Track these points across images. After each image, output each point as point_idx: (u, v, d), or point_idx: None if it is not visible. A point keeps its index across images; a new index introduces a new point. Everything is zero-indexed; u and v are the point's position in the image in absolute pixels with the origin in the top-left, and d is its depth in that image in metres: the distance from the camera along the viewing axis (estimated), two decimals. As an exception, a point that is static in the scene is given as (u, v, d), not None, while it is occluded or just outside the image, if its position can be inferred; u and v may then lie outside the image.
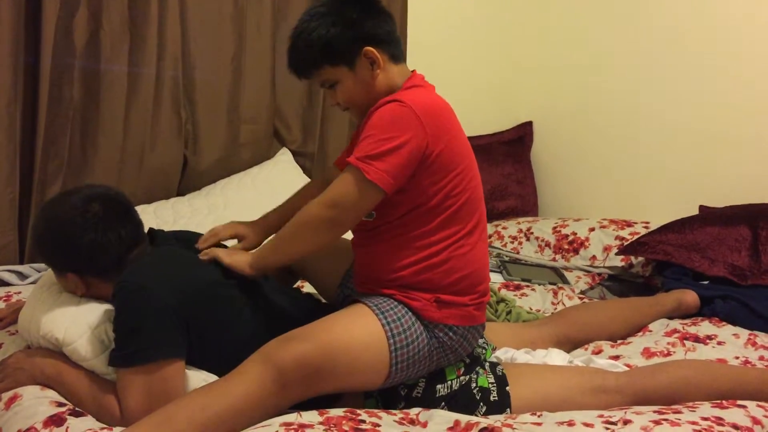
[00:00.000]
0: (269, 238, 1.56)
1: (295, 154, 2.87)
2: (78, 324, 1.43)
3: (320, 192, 1.48)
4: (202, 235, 1.65)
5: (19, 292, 2.00)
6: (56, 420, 1.31)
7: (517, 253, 2.84)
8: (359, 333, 1.41)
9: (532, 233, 2.88)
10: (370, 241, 1.55)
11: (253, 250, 1.55)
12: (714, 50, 2.76)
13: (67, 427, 1.29)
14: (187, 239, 1.62)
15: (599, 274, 2.59)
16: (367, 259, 1.57)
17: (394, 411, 1.41)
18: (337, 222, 1.43)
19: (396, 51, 1.56)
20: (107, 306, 1.47)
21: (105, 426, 1.32)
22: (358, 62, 1.51)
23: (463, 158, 1.52)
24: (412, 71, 1.60)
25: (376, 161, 1.39)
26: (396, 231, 1.50)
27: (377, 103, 1.46)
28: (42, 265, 2.19)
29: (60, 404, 1.36)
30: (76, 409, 1.36)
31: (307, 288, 1.97)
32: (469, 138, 3.42)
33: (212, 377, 1.42)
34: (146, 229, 1.57)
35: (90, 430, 1.29)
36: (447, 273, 1.48)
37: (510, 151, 3.34)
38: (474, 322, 1.53)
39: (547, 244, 2.81)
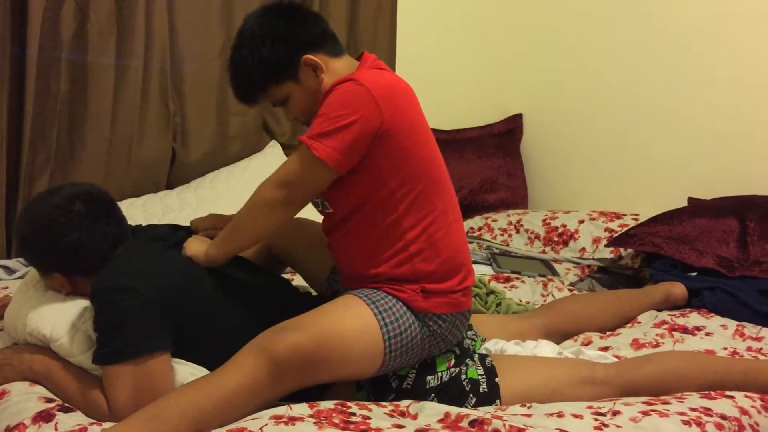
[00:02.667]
0: (225, 228, 1.53)
1: (284, 146, 2.86)
2: (65, 320, 1.42)
3: None
4: (174, 226, 1.64)
5: (7, 287, 1.99)
6: (45, 416, 1.30)
7: (507, 245, 2.85)
8: (352, 323, 1.41)
9: (521, 225, 2.89)
10: (343, 240, 1.55)
11: (212, 242, 1.53)
12: (702, 43, 2.76)
13: (56, 423, 1.28)
14: (162, 231, 1.60)
15: (589, 266, 2.60)
16: (346, 259, 1.57)
17: (384, 403, 1.41)
18: (289, 201, 1.44)
19: (334, 47, 1.55)
20: (93, 301, 1.46)
21: (94, 421, 1.32)
22: (301, 72, 1.51)
23: (422, 141, 1.51)
24: (362, 53, 1.59)
25: (326, 139, 1.39)
26: (365, 225, 1.49)
27: (333, 84, 1.46)
28: (30, 260, 2.17)
29: (49, 400, 1.36)
30: (65, 404, 1.36)
31: (297, 280, 1.97)
32: (460, 130, 3.45)
33: (200, 370, 1.41)
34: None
35: (79, 425, 1.28)
36: (427, 260, 1.48)
37: (500, 143, 3.34)
38: (462, 308, 1.53)
39: (537, 237, 2.81)
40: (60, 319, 1.43)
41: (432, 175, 1.51)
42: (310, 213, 1.93)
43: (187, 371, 1.40)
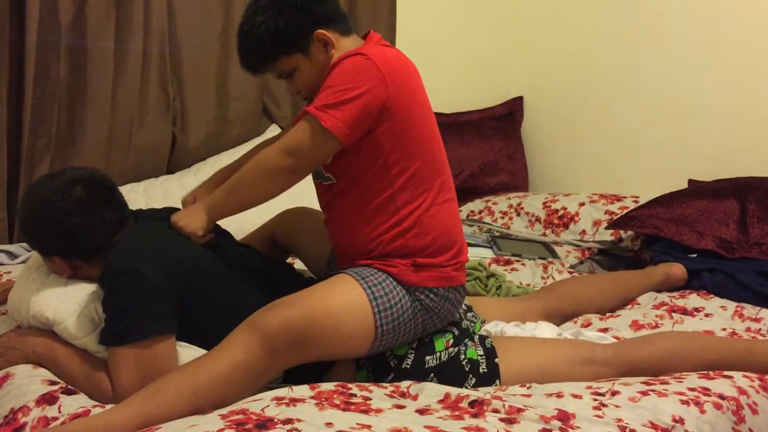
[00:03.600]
0: (221, 187, 1.54)
1: (284, 130, 2.85)
2: (68, 303, 1.43)
3: None
4: (175, 210, 1.64)
5: (9, 272, 1.99)
6: (49, 398, 1.31)
7: (508, 228, 2.85)
8: (341, 298, 1.43)
9: (522, 208, 2.89)
10: (340, 214, 1.56)
11: (207, 201, 1.53)
12: (702, 24, 2.75)
13: (60, 405, 1.30)
14: (165, 216, 1.60)
15: (589, 249, 2.61)
16: (341, 235, 1.59)
17: (384, 384, 1.43)
18: (293, 169, 1.46)
19: (345, 25, 1.56)
20: (96, 285, 1.47)
21: (97, 403, 1.33)
22: (312, 46, 1.52)
23: (423, 117, 1.53)
24: (368, 32, 1.60)
25: (333, 110, 1.41)
26: (362, 199, 1.51)
27: (339, 57, 1.47)
28: (32, 245, 2.18)
29: (52, 382, 1.37)
30: (69, 387, 1.37)
31: (298, 265, 1.97)
32: (460, 113, 3.45)
33: (202, 352, 1.42)
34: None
35: (82, 408, 1.30)
36: (419, 236, 1.50)
37: (500, 126, 3.34)
38: (453, 282, 1.54)
39: (537, 219, 2.82)
40: (63, 302, 1.44)
41: (430, 153, 1.53)
42: (312, 201, 1.95)
43: (190, 353, 1.41)
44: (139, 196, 2.39)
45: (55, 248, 1.47)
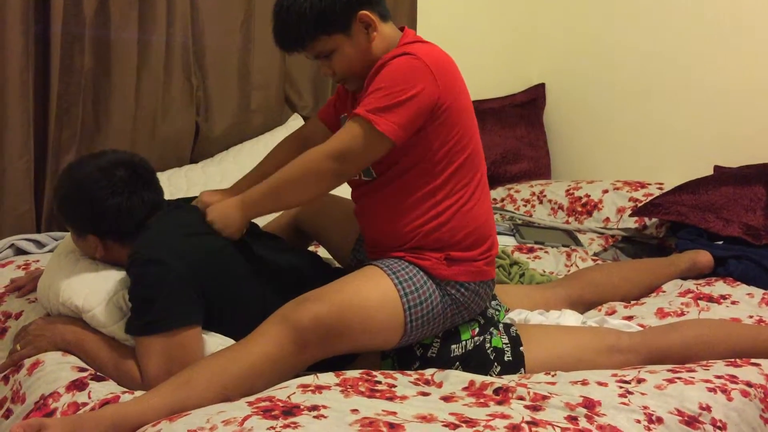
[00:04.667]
0: (261, 183, 1.51)
1: (306, 119, 2.86)
2: (97, 291, 1.45)
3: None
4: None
5: (38, 261, 2.02)
6: (79, 385, 1.33)
7: (530, 216, 2.84)
8: (372, 293, 1.43)
9: (545, 196, 2.88)
10: (377, 206, 1.56)
11: (244, 199, 1.51)
12: (728, 7, 2.71)
13: (90, 392, 1.32)
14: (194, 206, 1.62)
15: (613, 236, 2.59)
16: (375, 226, 1.58)
17: (409, 372, 1.43)
18: (342, 173, 1.45)
19: (384, 10, 1.54)
20: (125, 273, 1.48)
21: (126, 390, 1.35)
22: (354, 28, 1.49)
23: (467, 113, 1.53)
24: (402, 27, 1.59)
25: (387, 113, 1.39)
26: (403, 191, 1.50)
27: (385, 57, 1.46)
28: (59, 234, 2.21)
29: (82, 369, 1.39)
30: (98, 374, 1.39)
31: (321, 252, 1.98)
32: (482, 101, 3.43)
33: (228, 341, 1.44)
34: None
35: (112, 393, 1.32)
36: (454, 230, 1.50)
37: (522, 113, 3.32)
38: (484, 277, 1.54)
39: (560, 207, 2.80)
40: (92, 290, 1.46)
41: (473, 148, 1.53)
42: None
43: (216, 342, 1.43)
44: (164, 185, 2.36)
45: (93, 226, 1.49)
